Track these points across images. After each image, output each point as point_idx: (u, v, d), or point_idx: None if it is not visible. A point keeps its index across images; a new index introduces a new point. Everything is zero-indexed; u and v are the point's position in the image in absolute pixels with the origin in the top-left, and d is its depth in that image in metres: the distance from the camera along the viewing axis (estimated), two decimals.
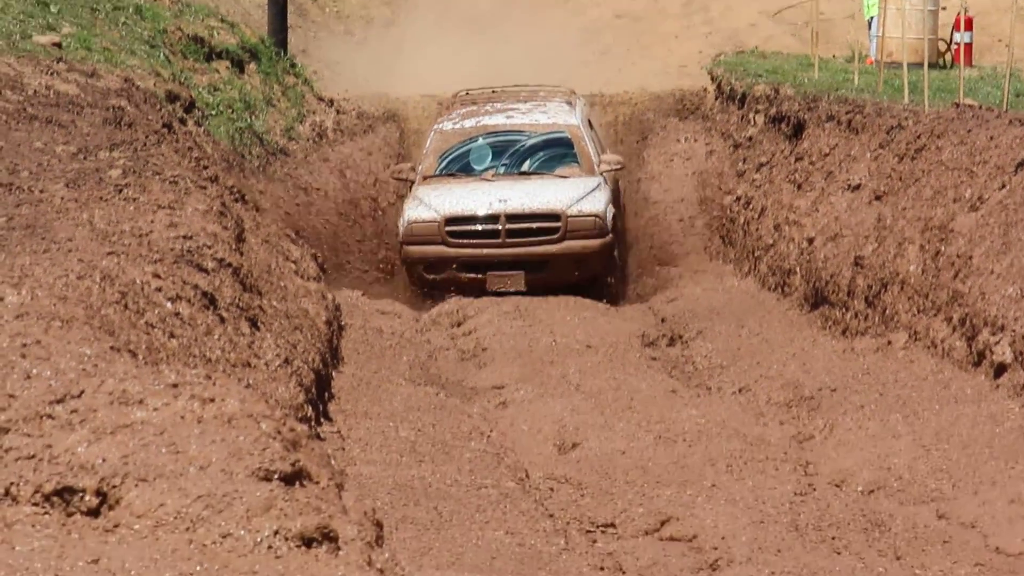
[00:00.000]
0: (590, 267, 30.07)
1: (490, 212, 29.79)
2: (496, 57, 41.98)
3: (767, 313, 31.99)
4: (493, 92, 35.12)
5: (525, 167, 31.10)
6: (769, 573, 17.75)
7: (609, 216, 30.41)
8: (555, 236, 29.74)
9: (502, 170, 31.00)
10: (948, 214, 28.15)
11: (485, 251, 29.64)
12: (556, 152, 31.28)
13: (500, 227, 29.74)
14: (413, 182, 30.85)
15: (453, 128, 31.64)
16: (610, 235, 30.45)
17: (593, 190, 30.54)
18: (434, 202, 29.80)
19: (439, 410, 24.92)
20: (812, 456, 23.38)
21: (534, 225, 29.92)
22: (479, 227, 29.93)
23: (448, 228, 29.74)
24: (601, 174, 30.98)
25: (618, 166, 32.17)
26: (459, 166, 31.18)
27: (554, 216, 29.90)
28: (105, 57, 30.13)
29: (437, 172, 30.99)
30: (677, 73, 39.93)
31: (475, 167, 31.00)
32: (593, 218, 29.85)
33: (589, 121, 33.69)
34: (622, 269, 32.39)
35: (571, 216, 29.79)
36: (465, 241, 29.75)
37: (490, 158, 30.97)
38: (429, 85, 38.42)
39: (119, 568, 13.30)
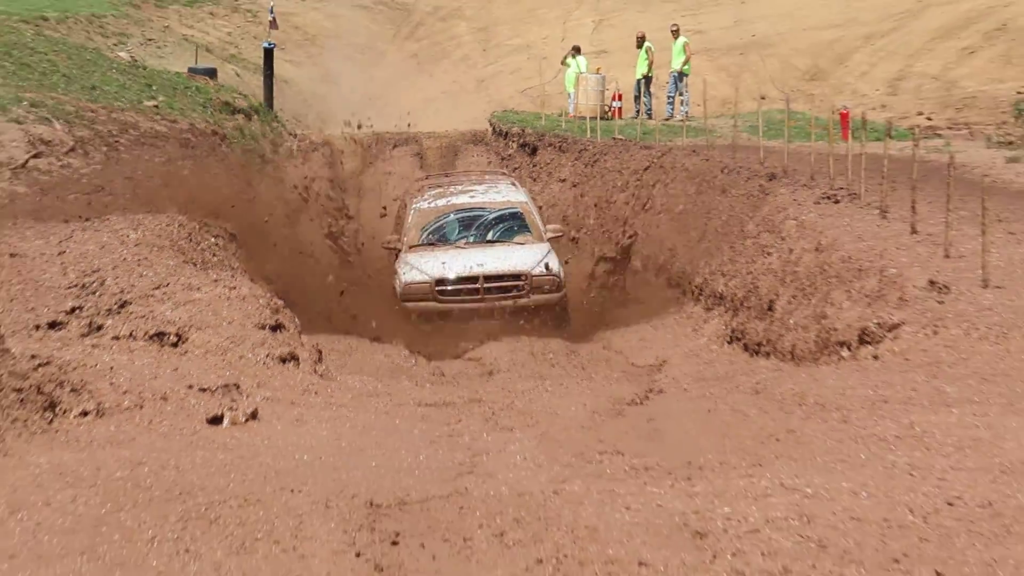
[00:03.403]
0: (550, 315, 23.09)
1: (471, 274, 23.06)
2: (387, 112, 41.74)
3: None
4: (449, 176, 29.13)
5: (489, 236, 24.48)
6: (518, 376, 17.76)
7: (562, 275, 23.70)
8: (523, 292, 22.96)
9: (472, 239, 24.38)
10: (610, 193, 28.37)
11: (468, 305, 22.94)
12: (512, 224, 24.66)
13: (479, 286, 22.95)
14: (400, 250, 24.38)
15: (429, 207, 25.16)
16: (564, 291, 23.61)
17: (547, 254, 23.77)
18: (424, 267, 23.25)
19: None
20: None
21: (506, 284, 23.01)
22: (462, 287, 22.97)
23: (438, 288, 22.94)
24: (547, 240, 24.48)
25: (559, 234, 25.62)
26: (437, 237, 24.45)
27: (522, 276, 22.99)
28: (181, 113, 29.83)
29: (420, 242, 24.22)
30: (473, 121, 39.73)
31: (449, 238, 24.39)
32: (552, 277, 23.15)
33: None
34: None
35: (535, 276, 23.05)
36: (451, 298, 22.97)
37: (460, 230, 24.54)
38: (350, 127, 38.27)
39: (187, 373, 13.25)
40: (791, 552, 8.39)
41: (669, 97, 35.85)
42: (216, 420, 11.96)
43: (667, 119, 35.13)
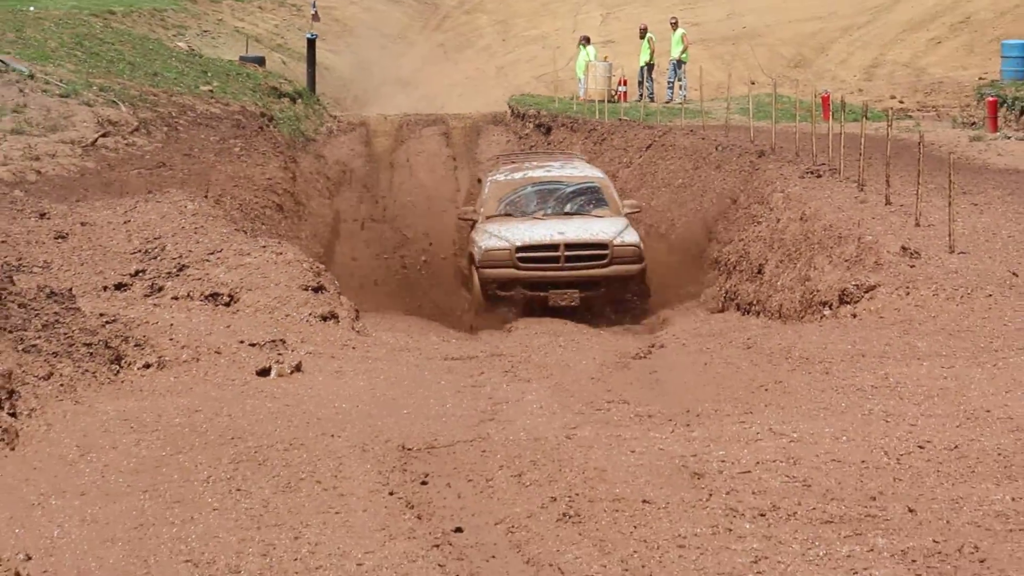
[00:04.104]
0: (630, 288, 20.00)
1: (552, 241, 19.83)
2: (414, 95, 41.63)
3: None
4: (522, 154, 26.59)
5: (567, 209, 21.20)
6: (534, 332, 17.51)
7: (642, 248, 20.32)
8: (604, 261, 19.68)
9: (549, 210, 21.10)
10: (617, 168, 28.19)
11: (548, 273, 19.66)
12: (590, 197, 21.38)
13: (560, 254, 19.66)
14: (475, 221, 21.33)
15: (506, 179, 22.09)
16: (644, 262, 20.17)
17: (626, 227, 20.48)
18: (504, 234, 20.22)
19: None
20: None
21: (587, 252, 19.81)
22: (543, 254, 19.80)
23: (518, 255, 19.77)
24: (625, 215, 21.07)
25: (637, 209, 21.96)
26: (514, 208, 21.25)
27: (603, 245, 19.77)
28: (233, 97, 29.72)
29: (497, 212, 21.13)
30: (494, 104, 39.52)
31: (527, 209, 21.20)
32: (633, 247, 19.92)
33: None
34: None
35: (616, 245, 19.75)
36: (532, 265, 19.72)
37: (539, 202, 21.37)
38: (383, 109, 38.11)
39: (239, 330, 13.22)
40: (779, 491, 8.38)
41: (669, 83, 35.71)
42: (264, 372, 11.97)
43: (667, 102, 34.97)
